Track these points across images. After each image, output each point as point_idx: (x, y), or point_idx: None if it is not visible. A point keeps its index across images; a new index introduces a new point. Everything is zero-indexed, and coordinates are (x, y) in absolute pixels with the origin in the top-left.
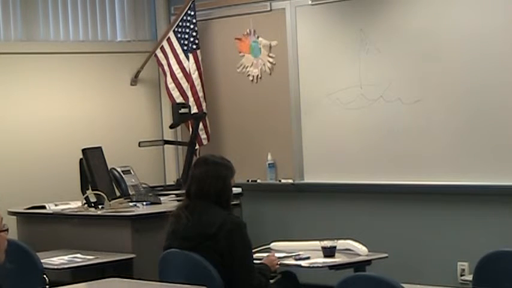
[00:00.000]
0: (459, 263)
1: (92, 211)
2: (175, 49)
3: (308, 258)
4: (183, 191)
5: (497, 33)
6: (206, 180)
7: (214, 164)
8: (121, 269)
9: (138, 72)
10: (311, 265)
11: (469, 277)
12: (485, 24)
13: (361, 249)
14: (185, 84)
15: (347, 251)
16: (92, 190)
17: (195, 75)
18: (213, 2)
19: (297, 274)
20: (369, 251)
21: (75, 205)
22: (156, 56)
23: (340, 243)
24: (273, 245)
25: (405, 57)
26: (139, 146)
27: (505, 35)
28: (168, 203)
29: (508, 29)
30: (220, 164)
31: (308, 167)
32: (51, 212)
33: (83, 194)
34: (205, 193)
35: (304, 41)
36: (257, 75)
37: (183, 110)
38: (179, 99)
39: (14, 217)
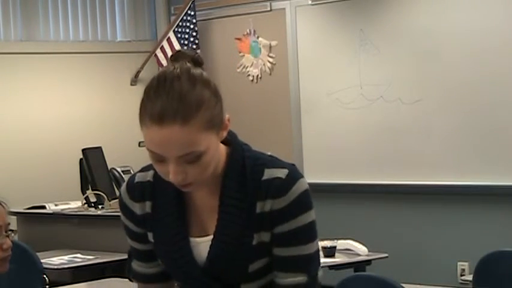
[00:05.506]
0: (459, 263)
1: (92, 211)
2: (175, 49)
3: None
4: None
5: (498, 33)
6: None
7: None
8: (121, 269)
9: (138, 72)
10: None
11: (469, 277)
12: (486, 24)
13: (361, 249)
14: None
15: (347, 251)
16: (92, 190)
17: None
18: (213, 2)
19: None
20: (369, 251)
21: (75, 205)
22: (156, 56)
23: (340, 243)
24: None
25: (405, 57)
26: (139, 146)
27: (505, 34)
28: None
29: (508, 29)
30: None
31: (308, 167)
32: (51, 212)
33: (83, 194)
34: None
35: (304, 41)
36: (257, 75)
37: None
38: None
39: (14, 217)
